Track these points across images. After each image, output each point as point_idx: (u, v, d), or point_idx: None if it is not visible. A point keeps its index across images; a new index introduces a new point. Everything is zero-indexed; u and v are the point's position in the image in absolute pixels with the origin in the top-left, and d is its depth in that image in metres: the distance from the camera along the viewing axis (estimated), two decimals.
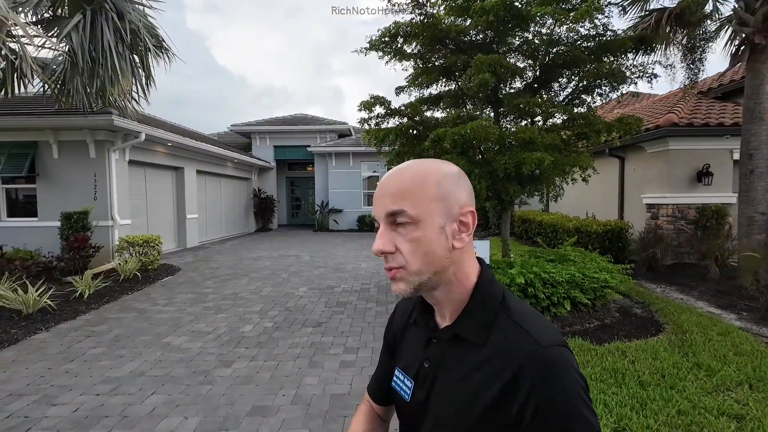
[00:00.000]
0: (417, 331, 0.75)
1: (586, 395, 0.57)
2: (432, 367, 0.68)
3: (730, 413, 2.55)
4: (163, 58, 7.03)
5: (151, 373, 3.29)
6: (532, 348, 0.58)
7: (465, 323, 0.65)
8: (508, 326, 0.62)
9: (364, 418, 0.87)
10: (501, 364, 0.59)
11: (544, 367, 0.57)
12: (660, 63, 5.43)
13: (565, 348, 0.60)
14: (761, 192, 5.48)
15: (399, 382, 0.75)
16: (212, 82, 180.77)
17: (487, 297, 0.65)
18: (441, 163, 0.67)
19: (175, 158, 10.10)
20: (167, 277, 7.01)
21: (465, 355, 0.64)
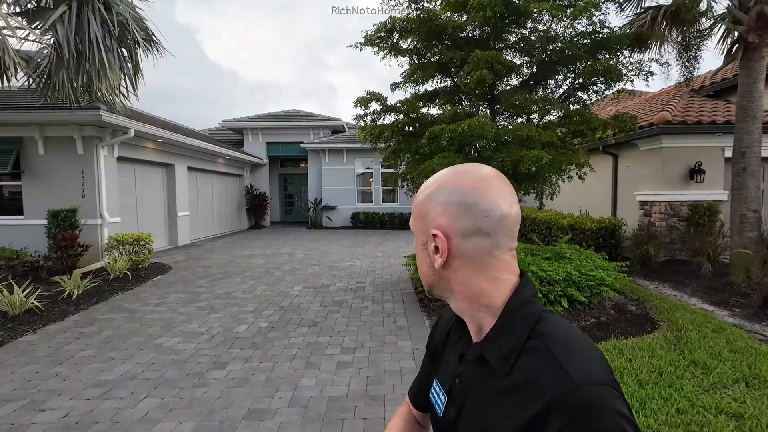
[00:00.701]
0: (453, 345, 0.72)
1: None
2: (464, 385, 0.65)
3: (728, 411, 2.56)
4: (152, 51, 6.86)
5: (143, 375, 3.21)
6: (563, 386, 0.51)
7: (488, 347, 0.60)
8: (540, 356, 0.55)
9: (401, 420, 0.87)
10: (528, 398, 0.53)
11: (576, 410, 0.49)
12: (656, 61, 5.44)
13: (608, 387, 0.51)
14: (753, 190, 5.53)
15: (435, 395, 0.73)
16: (203, 77, 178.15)
17: (512, 321, 0.59)
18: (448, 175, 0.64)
19: (166, 154, 9.92)
20: (158, 276, 6.88)
21: (491, 379, 0.59)
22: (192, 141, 10.11)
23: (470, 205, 0.59)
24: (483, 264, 0.60)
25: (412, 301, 5.26)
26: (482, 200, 0.59)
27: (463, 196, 0.60)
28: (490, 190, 0.60)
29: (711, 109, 7.71)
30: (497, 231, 0.59)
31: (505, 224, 0.59)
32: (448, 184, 0.62)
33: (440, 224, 0.61)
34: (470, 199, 0.60)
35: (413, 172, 5.43)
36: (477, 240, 0.59)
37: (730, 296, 5.17)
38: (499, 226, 0.59)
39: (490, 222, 0.59)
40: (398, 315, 4.74)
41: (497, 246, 0.60)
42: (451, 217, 0.60)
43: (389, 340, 3.98)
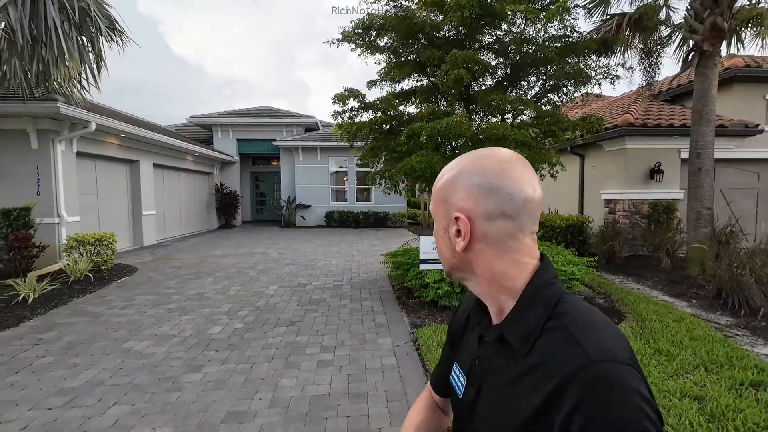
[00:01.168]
0: (474, 327, 0.73)
1: (654, 428, 0.47)
2: (483, 366, 0.65)
3: (691, 395, 2.73)
4: (115, 41, 6.52)
5: (111, 381, 3.04)
6: (580, 360, 0.50)
7: (510, 327, 0.60)
8: (559, 335, 0.55)
9: (423, 405, 0.88)
10: (545, 377, 0.53)
11: (592, 383, 0.49)
12: (622, 65, 5.71)
13: (627, 366, 0.50)
14: (707, 188, 5.92)
15: (455, 378, 0.74)
16: (167, 71, 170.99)
17: (533, 302, 0.59)
18: (470, 159, 0.64)
19: (130, 150, 9.44)
20: (123, 277, 6.54)
21: (510, 360, 0.59)
22: (158, 136, 9.68)
23: (495, 188, 0.59)
24: (505, 247, 0.60)
25: (390, 299, 5.27)
26: (507, 183, 0.59)
27: (488, 179, 0.60)
28: (514, 172, 0.60)
29: (669, 113, 8.19)
30: (521, 214, 0.59)
31: (529, 207, 0.60)
32: (471, 168, 0.62)
33: (463, 207, 0.61)
34: (495, 182, 0.60)
35: (391, 170, 5.44)
36: (501, 223, 0.59)
37: (687, 288, 5.51)
38: (522, 210, 0.59)
39: (514, 205, 0.59)
40: (377, 313, 4.73)
41: (520, 229, 0.60)
42: (474, 200, 0.60)
43: (369, 337, 3.97)
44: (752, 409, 2.54)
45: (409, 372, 3.21)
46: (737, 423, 2.39)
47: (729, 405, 2.57)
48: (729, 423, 2.39)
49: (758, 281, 4.66)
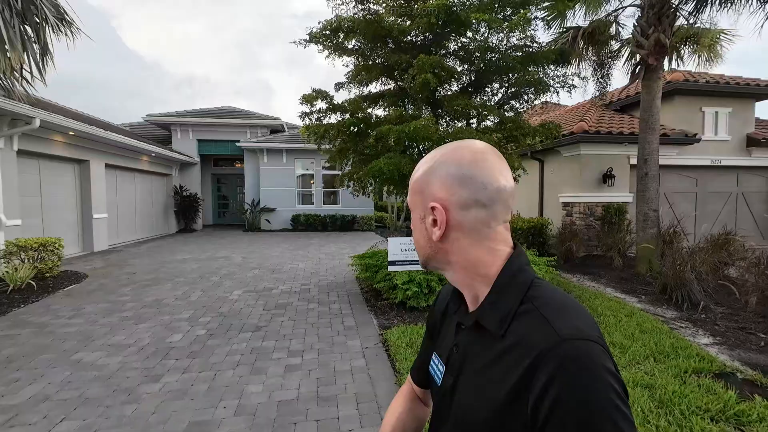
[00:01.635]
0: (452, 316, 0.74)
1: (620, 401, 0.50)
2: (460, 353, 0.67)
3: (642, 384, 2.92)
4: (64, 32, 6.10)
5: (58, 396, 2.82)
6: (551, 339, 0.53)
7: (485, 312, 0.62)
8: (530, 315, 0.58)
9: (403, 398, 0.90)
10: (518, 357, 0.55)
11: (563, 360, 0.51)
12: (578, 75, 6.05)
13: (595, 344, 0.53)
14: (653, 192, 6.38)
15: (434, 367, 0.75)
16: (121, 67, 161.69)
17: (509, 286, 0.62)
18: (445, 151, 0.66)
19: (79, 149, 8.83)
20: (71, 285, 6.09)
21: (487, 344, 0.62)
22: (111, 135, 9.12)
23: (469, 177, 0.62)
24: (480, 235, 0.63)
25: (358, 301, 5.25)
26: (480, 173, 0.62)
27: (462, 169, 0.62)
28: (487, 163, 0.62)
29: (619, 122, 8.76)
30: (494, 203, 0.62)
31: (502, 196, 0.62)
32: (446, 159, 0.64)
33: (439, 197, 0.63)
34: (469, 171, 0.62)
35: (359, 172, 5.44)
36: (475, 211, 0.62)
37: (637, 285, 5.90)
38: (496, 198, 0.62)
39: (488, 194, 0.61)
40: (345, 315, 4.70)
41: (494, 217, 0.62)
42: (449, 190, 0.62)
43: (338, 340, 3.94)
44: (695, 394, 2.75)
45: (378, 373, 3.21)
46: (683, 407, 2.58)
47: (675, 391, 2.77)
48: (675, 408, 2.58)
49: (698, 277, 5.06)
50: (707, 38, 6.44)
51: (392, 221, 14.92)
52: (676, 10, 6.15)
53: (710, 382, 2.92)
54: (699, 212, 9.26)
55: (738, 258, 5.84)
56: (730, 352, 3.61)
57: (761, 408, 2.59)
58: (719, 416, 2.52)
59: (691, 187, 9.32)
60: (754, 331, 4.06)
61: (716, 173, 9.42)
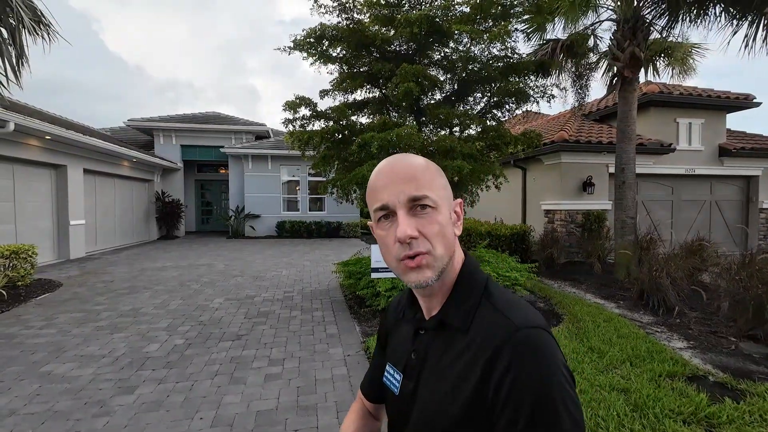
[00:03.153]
0: (406, 325, 0.75)
1: (569, 385, 0.54)
2: (419, 358, 0.68)
3: (618, 388, 2.97)
4: (41, 35, 5.98)
5: (26, 410, 2.71)
6: (508, 329, 0.58)
7: (451, 310, 0.65)
8: (488, 312, 0.62)
9: (356, 416, 0.89)
10: (481, 348, 0.59)
11: (519, 346, 0.56)
12: (557, 86, 6.21)
13: (546, 332, 0.58)
14: (630, 200, 6.55)
15: (389, 377, 0.75)
16: (103, 71, 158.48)
17: (472, 283, 0.67)
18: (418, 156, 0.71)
19: (56, 154, 8.61)
20: (44, 294, 5.89)
21: (450, 343, 0.64)
22: (89, 139, 8.92)
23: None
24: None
25: (341, 309, 5.22)
26: None
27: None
28: None
29: (598, 131, 9.00)
30: None
31: None
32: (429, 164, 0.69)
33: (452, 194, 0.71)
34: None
35: (343, 179, 5.44)
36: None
37: (615, 291, 6.02)
38: None
39: None
40: (328, 323, 4.67)
41: None
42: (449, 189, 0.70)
43: (320, 348, 3.90)
44: (668, 397, 2.81)
45: (359, 381, 3.18)
46: (656, 411, 2.63)
47: (650, 395, 2.83)
48: (650, 411, 2.63)
49: (673, 283, 5.20)
50: (680, 52, 6.70)
51: None
52: (650, 24, 6.39)
53: (683, 386, 3.00)
54: (674, 219, 9.54)
55: (711, 264, 6.03)
56: (702, 355, 3.71)
57: (731, 410, 2.66)
58: (691, 419, 2.58)
59: (667, 195, 9.61)
60: (725, 335, 4.18)
61: (690, 182, 9.74)
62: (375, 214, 0.66)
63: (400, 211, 0.62)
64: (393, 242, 0.62)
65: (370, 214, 0.68)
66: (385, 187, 0.64)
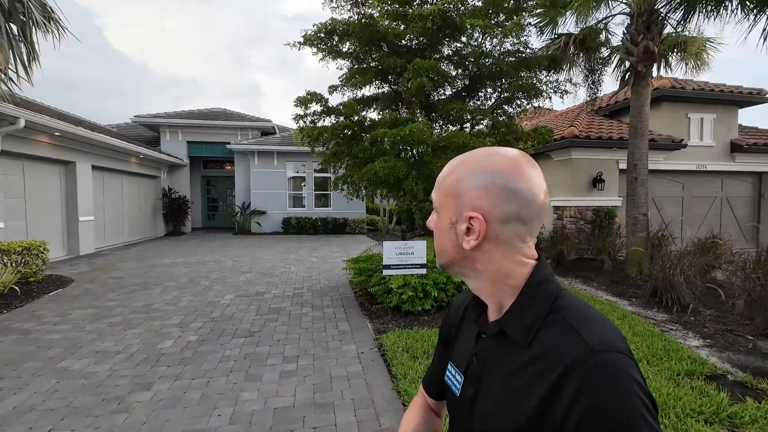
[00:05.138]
0: (470, 325, 0.73)
1: (650, 415, 0.51)
2: (480, 362, 0.66)
3: None
4: (51, 32, 5.99)
5: (45, 406, 2.73)
6: (581, 350, 0.53)
7: (510, 321, 0.62)
8: (559, 327, 0.58)
9: (417, 410, 0.88)
10: (547, 366, 0.55)
11: (593, 371, 0.51)
12: (570, 81, 6.13)
13: (624, 355, 0.53)
14: (642, 196, 6.48)
15: (451, 377, 0.74)
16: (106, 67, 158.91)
17: (535, 296, 0.61)
18: (492, 155, 0.63)
19: (65, 150, 8.64)
20: (57, 290, 5.93)
21: (511, 353, 0.61)
22: (97, 136, 8.95)
23: (514, 193, 0.60)
24: (513, 248, 0.62)
25: (352, 306, 5.22)
26: (525, 187, 0.60)
27: (508, 181, 0.60)
28: (532, 177, 0.61)
29: (608, 127, 8.90)
30: (533, 219, 0.61)
31: (540, 213, 0.62)
32: (484, 167, 0.62)
33: (480, 207, 0.61)
34: (514, 185, 0.60)
35: (353, 176, 5.42)
36: (514, 226, 0.61)
37: (627, 288, 5.97)
38: (536, 215, 0.61)
39: (531, 211, 0.61)
40: (340, 320, 4.66)
41: (530, 233, 0.62)
42: (493, 202, 0.60)
43: (333, 345, 3.90)
44: (689, 396, 2.78)
45: (375, 378, 3.18)
46: (677, 410, 2.61)
47: (670, 394, 2.80)
48: (671, 411, 2.60)
49: (687, 280, 5.15)
50: (694, 46, 6.59)
51: (384, 224, 14.91)
52: (664, 18, 6.28)
53: (703, 385, 2.96)
54: (685, 216, 9.45)
55: (725, 261, 5.96)
56: (720, 354, 3.67)
57: (753, 410, 2.63)
58: (713, 418, 2.55)
59: (678, 191, 9.51)
60: (742, 333, 4.13)
61: (702, 178, 9.63)
62: None
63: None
64: None
65: None
66: None
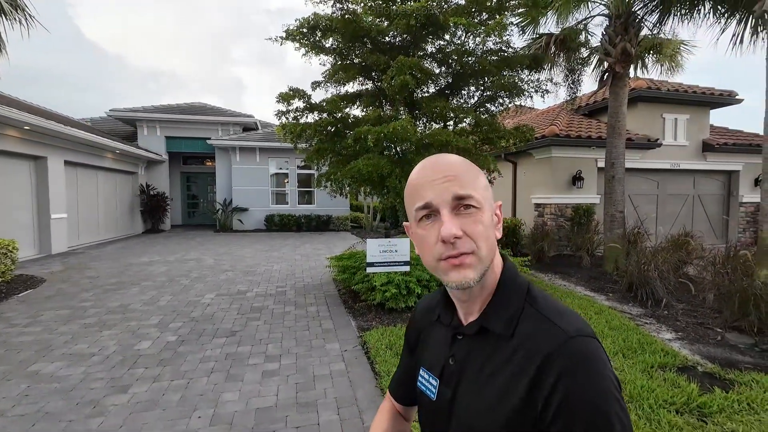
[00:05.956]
0: (441, 329, 0.73)
1: (618, 394, 0.55)
2: (458, 364, 0.67)
3: None
4: (19, 21, 5.73)
5: (15, 411, 2.62)
6: (560, 338, 0.56)
7: (492, 316, 0.64)
8: (534, 318, 0.61)
9: (387, 416, 0.87)
10: (528, 356, 0.57)
11: (572, 356, 0.55)
12: (551, 80, 6.23)
13: (596, 340, 0.58)
14: (620, 194, 6.66)
15: (424, 382, 0.73)
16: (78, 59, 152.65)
17: (513, 288, 0.65)
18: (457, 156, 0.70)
19: (35, 145, 8.29)
20: (26, 291, 5.70)
21: (492, 349, 0.63)
22: (71, 130, 8.62)
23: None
24: None
25: (336, 303, 5.20)
26: None
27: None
28: None
29: (587, 126, 9.10)
30: None
31: None
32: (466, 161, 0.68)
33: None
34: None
35: (337, 173, 5.38)
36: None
37: (605, 283, 6.14)
38: None
39: None
40: (323, 318, 4.64)
41: None
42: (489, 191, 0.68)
43: (316, 343, 3.87)
44: (661, 388, 2.88)
45: (358, 376, 3.18)
46: (650, 401, 2.70)
47: (643, 386, 2.89)
48: (644, 402, 2.69)
49: (661, 276, 5.33)
50: (669, 48, 6.79)
51: (368, 222, 14.89)
52: (641, 20, 6.45)
53: (674, 376, 3.08)
54: (659, 213, 9.77)
55: (696, 257, 6.19)
56: (690, 346, 3.82)
57: (721, 399, 2.74)
58: (684, 408, 2.65)
59: (653, 189, 9.81)
60: (711, 326, 4.31)
61: (675, 176, 9.96)
62: (416, 213, 0.64)
63: (444, 209, 0.61)
64: (435, 242, 0.61)
65: (408, 213, 0.67)
66: (429, 186, 0.63)
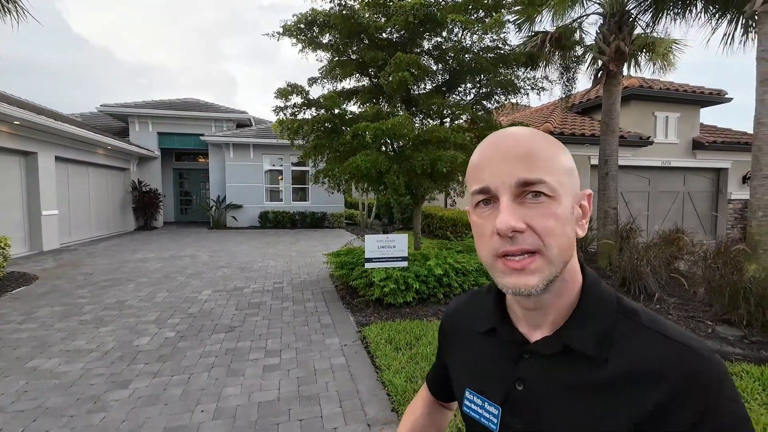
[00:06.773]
0: (491, 342, 0.60)
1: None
2: (529, 390, 0.54)
3: None
4: (8, 12, 5.64)
5: (14, 407, 2.61)
6: (693, 361, 0.46)
7: (577, 333, 0.51)
8: (639, 333, 0.49)
9: (422, 401, 0.83)
10: (641, 388, 0.46)
11: (716, 383, 0.45)
12: (546, 78, 6.29)
13: (716, 353, 0.49)
14: (613, 191, 6.76)
15: (476, 408, 0.59)
16: (66, 52, 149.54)
17: (601, 299, 0.52)
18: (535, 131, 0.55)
19: (25, 140, 8.15)
20: (19, 288, 5.63)
21: (579, 374, 0.51)
22: (61, 125, 8.48)
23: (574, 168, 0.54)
24: None
25: (334, 299, 5.22)
26: None
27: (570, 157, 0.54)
28: None
29: (580, 124, 9.20)
30: None
31: None
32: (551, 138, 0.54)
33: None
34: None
35: (334, 169, 5.39)
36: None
37: None
38: None
39: None
40: (322, 313, 4.66)
41: None
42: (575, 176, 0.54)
43: (316, 338, 3.89)
44: None
45: (359, 370, 3.21)
46: None
47: None
48: None
49: (653, 271, 5.43)
50: (662, 47, 6.89)
51: (363, 218, 14.90)
52: (635, 19, 6.53)
53: None
54: (651, 210, 9.93)
55: (687, 252, 6.32)
56: None
57: None
58: None
59: (645, 186, 9.97)
60: (702, 319, 4.41)
61: (666, 174, 10.13)
62: (473, 197, 0.53)
63: (504, 196, 0.49)
64: (491, 233, 0.49)
65: (469, 196, 0.56)
66: (489, 166, 0.50)
